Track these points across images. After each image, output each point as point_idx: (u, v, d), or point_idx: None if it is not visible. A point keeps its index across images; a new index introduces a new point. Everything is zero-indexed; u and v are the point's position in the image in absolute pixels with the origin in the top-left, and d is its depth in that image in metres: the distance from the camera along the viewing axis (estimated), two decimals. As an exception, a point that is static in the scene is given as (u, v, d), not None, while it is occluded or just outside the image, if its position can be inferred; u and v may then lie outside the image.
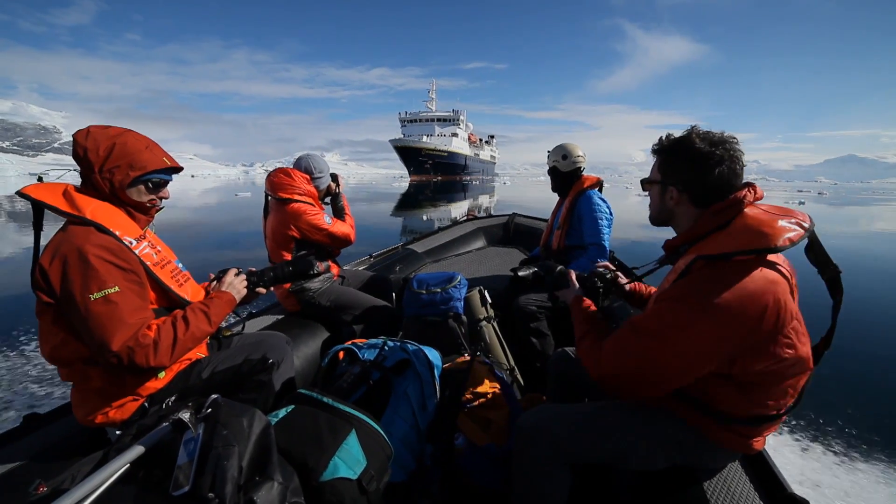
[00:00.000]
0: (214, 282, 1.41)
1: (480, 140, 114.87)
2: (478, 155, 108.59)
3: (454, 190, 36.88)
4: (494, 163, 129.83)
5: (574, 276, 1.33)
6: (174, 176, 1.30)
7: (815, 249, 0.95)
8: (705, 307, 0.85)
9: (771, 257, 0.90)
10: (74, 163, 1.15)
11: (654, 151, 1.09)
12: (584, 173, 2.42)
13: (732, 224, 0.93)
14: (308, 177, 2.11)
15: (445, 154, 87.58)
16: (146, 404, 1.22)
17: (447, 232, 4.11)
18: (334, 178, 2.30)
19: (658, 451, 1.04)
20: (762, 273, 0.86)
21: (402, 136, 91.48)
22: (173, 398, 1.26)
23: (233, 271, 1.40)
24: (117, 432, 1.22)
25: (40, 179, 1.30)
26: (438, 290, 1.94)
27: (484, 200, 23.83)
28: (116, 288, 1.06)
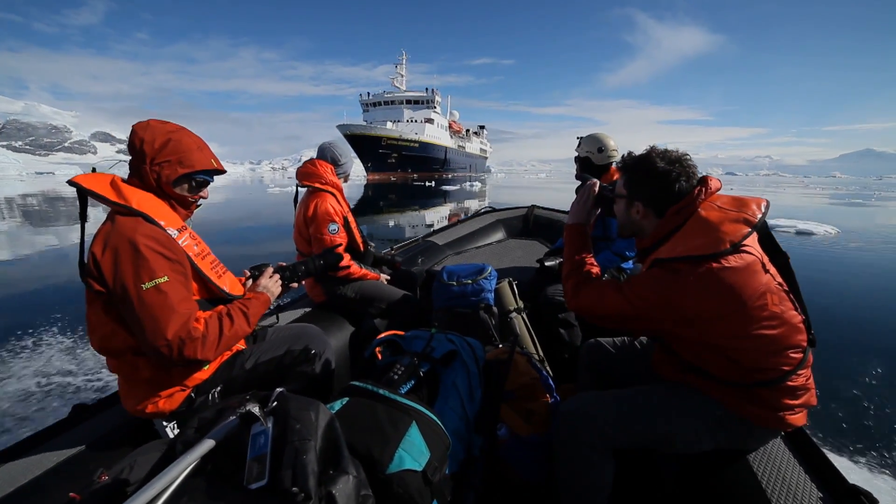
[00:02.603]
0: (250, 279, 1.41)
1: (467, 130, 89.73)
2: (463, 147, 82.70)
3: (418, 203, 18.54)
4: (486, 157, 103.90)
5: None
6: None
7: (763, 241, 1.05)
8: (667, 298, 1.00)
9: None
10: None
11: (619, 168, 1.23)
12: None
13: (686, 225, 1.05)
14: (332, 167, 2.09)
15: (416, 145, 63.25)
16: (192, 395, 1.22)
17: (466, 224, 4.09)
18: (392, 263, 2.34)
19: (703, 431, 1.07)
20: (713, 267, 0.96)
21: (363, 122, 65.18)
22: (218, 389, 1.27)
23: (268, 272, 1.42)
24: (164, 423, 1.22)
25: (94, 170, 1.36)
26: (469, 281, 1.92)
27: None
28: (166, 278, 1.06)
